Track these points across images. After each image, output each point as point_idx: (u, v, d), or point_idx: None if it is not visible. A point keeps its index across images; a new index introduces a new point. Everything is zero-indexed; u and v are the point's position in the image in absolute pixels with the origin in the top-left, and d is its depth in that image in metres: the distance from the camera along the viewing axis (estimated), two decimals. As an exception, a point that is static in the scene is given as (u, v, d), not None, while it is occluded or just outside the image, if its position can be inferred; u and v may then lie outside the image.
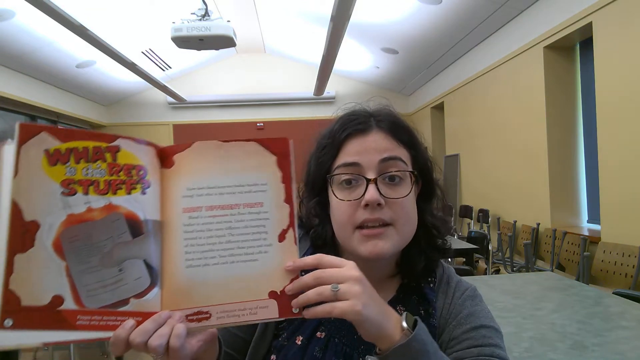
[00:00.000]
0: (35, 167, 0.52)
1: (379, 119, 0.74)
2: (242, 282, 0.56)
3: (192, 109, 8.48)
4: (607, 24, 3.27)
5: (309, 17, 6.08)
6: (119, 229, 0.54)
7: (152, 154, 0.58)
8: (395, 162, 0.70)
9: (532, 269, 3.74)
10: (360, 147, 0.71)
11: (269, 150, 0.61)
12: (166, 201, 0.57)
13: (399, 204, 0.69)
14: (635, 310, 1.59)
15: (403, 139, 0.73)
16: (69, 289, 0.52)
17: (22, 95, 5.75)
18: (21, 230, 0.50)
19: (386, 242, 0.68)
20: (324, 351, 0.71)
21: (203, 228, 0.57)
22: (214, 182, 0.58)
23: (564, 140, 4.14)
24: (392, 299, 0.75)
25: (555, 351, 1.26)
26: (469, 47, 5.61)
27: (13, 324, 0.49)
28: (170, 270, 0.56)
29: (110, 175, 0.54)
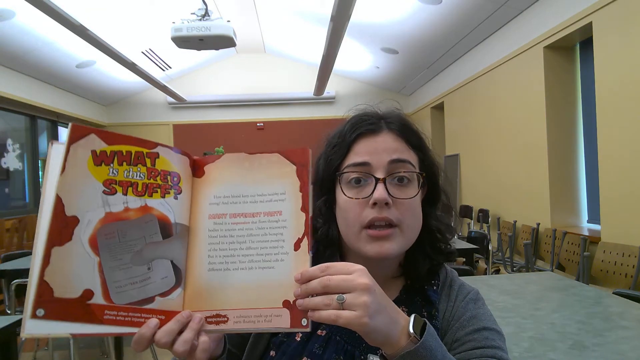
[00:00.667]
0: (81, 165, 0.55)
1: (390, 120, 0.74)
2: (259, 289, 0.58)
3: (192, 109, 8.48)
4: (607, 24, 3.27)
5: (309, 17, 6.08)
6: (151, 229, 0.57)
7: (186, 163, 0.63)
8: (404, 164, 0.70)
9: (532, 269, 3.74)
10: (370, 147, 0.71)
11: (289, 160, 0.63)
12: (195, 207, 0.62)
13: (406, 205, 0.69)
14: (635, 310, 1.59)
15: (412, 142, 0.73)
16: (100, 284, 0.54)
17: (22, 95, 5.75)
18: (61, 225, 0.53)
19: (392, 243, 0.69)
20: (324, 348, 0.71)
21: (226, 234, 0.60)
22: (238, 191, 0.62)
23: (564, 140, 4.14)
24: (395, 300, 0.75)
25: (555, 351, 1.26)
26: (469, 47, 5.61)
27: (45, 314, 0.51)
28: (194, 272, 0.59)
29: (148, 179, 0.58)
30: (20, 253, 3.41)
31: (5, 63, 5.41)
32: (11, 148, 6.03)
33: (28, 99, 5.87)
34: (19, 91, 5.69)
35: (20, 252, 3.43)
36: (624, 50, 3.11)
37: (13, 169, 6.04)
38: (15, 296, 2.68)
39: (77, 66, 6.17)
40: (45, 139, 6.99)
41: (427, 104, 7.59)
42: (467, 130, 6.10)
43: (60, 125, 7.26)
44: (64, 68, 6.08)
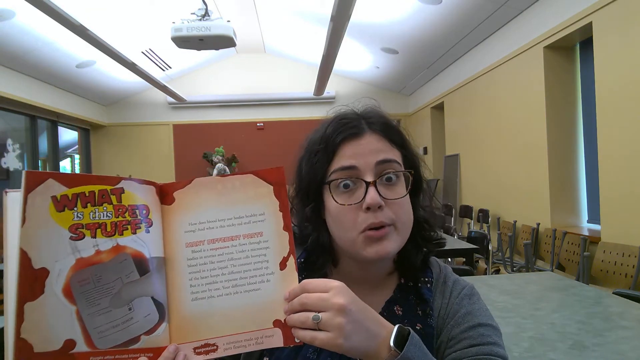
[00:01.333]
0: (43, 214, 0.52)
1: (371, 121, 0.74)
2: (247, 312, 0.58)
3: (192, 109, 8.48)
4: (607, 24, 3.27)
5: (309, 17, 6.08)
6: (127, 268, 0.55)
7: (152, 192, 0.59)
8: (390, 164, 0.71)
9: (532, 269, 3.74)
10: (355, 151, 0.71)
11: (265, 180, 0.61)
12: (169, 237, 0.59)
13: (398, 204, 0.69)
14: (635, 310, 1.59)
15: (395, 140, 0.74)
16: (80, 332, 0.52)
17: (22, 95, 5.75)
18: (31, 279, 0.51)
19: (390, 242, 0.69)
20: (318, 353, 0.70)
21: (206, 261, 0.59)
22: (214, 215, 0.60)
23: (564, 140, 4.14)
24: (389, 299, 0.75)
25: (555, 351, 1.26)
26: (469, 47, 5.61)
27: None
28: (177, 305, 0.58)
29: (116, 217, 0.55)
30: (20, 253, 3.41)
31: (5, 63, 5.41)
32: (11, 148, 6.03)
33: (28, 99, 5.87)
34: (19, 91, 5.69)
35: (20, 252, 3.43)
36: (624, 50, 3.11)
37: (13, 169, 6.04)
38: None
39: (77, 66, 6.17)
40: (45, 139, 6.99)
41: (427, 104, 7.59)
42: (467, 130, 6.09)
43: (60, 125, 7.26)
44: (64, 68, 6.08)
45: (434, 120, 7.49)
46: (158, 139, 8.41)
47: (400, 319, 0.73)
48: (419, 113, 8.10)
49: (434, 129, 7.46)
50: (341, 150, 0.72)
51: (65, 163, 8.83)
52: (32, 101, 5.96)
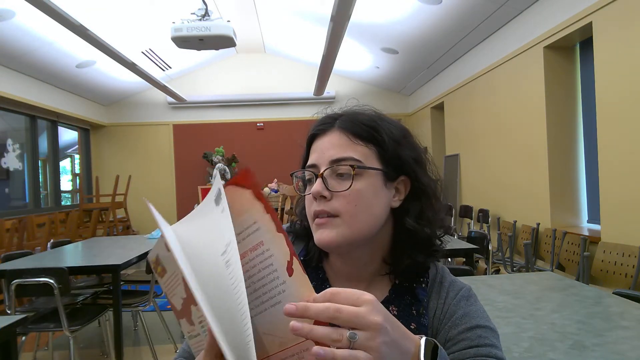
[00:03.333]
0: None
1: (343, 119, 0.76)
2: (279, 329, 0.54)
3: (192, 109, 8.48)
4: (607, 24, 3.27)
5: (309, 17, 6.08)
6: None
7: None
8: (344, 162, 0.72)
9: (532, 269, 3.74)
10: (317, 147, 0.75)
11: (243, 186, 0.58)
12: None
13: (346, 197, 0.70)
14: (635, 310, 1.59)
15: (361, 136, 0.73)
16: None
17: (22, 95, 5.75)
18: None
19: (331, 230, 0.70)
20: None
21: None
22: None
23: (564, 140, 4.14)
24: (385, 299, 0.76)
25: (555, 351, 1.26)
26: (469, 47, 5.61)
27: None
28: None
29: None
30: (20, 253, 3.41)
31: (5, 63, 5.41)
32: (11, 148, 6.03)
33: (28, 99, 5.87)
34: (19, 91, 5.70)
35: (20, 252, 3.43)
36: (624, 50, 3.11)
37: (13, 169, 6.04)
38: (15, 296, 2.68)
39: (77, 66, 6.18)
40: (45, 139, 6.99)
41: (427, 104, 7.59)
42: (467, 130, 6.09)
43: (60, 125, 7.26)
44: (64, 68, 6.08)
45: (434, 120, 7.49)
46: (158, 139, 8.41)
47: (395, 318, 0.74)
48: (419, 113, 8.10)
49: (434, 129, 7.46)
50: (313, 146, 0.77)
51: (65, 163, 8.83)
52: (32, 101, 5.96)
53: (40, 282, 2.61)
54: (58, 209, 6.89)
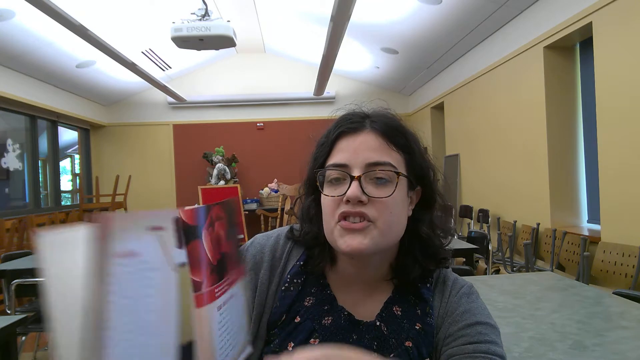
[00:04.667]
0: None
1: (374, 119, 0.73)
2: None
3: (192, 109, 8.48)
4: (607, 24, 3.27)
5: (309, 17, 6.08)
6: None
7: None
8: (382, 166, 0.69)
9: (532, 269, 3.74)
10: (350, 146, 0.71)
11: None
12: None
13: (383, 203, 0.68)
14: (635, 310, 1.59)
15: (396, 142, 0.72)
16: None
17: (22, 95, 5.74)
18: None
19: (365, 237, 0.68)
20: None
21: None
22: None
23: (564, 140, 4.14)
24: (388, 300, 0.75)
25: (555, 351, 1.26)
26: (469, 47, 5.60)
27: None
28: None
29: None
30: (20, 253, 3.41)
31: (5, 63, 5.41)
32: (11, 148, 6.03)
33: (28, 99, 5.87)
34: (19, 91, 5.69)
35: (20, 252, 3.43)
36: (624, 50, 3.11)
37: (13, 169, 6.04)
38: (15, 296, 2.68)
39: (77, 66, 6.17)
40: (45, 139, 6.99)
41: (427, 104, 7.59)
42: (467, 130, 6.09)
43: (60, 125, 7.26)
44: (64, 68, 6.08)
45: (434, 120, 7.49)
46: (158, 139, 8.40)
47: (399, 318, 0.74)
48: (419, 113, 8.09)
49: (434, 129, 7.46)
50: (338, 144, 0.73)
51: (65, 163, 8.83)
52: (32, 101, 5.96)
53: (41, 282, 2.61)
54: (58, 209, 6.89)
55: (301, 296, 0.77)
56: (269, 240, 0.83)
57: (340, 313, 0.75)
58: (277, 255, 0.81)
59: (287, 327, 0.74)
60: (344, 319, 0.74)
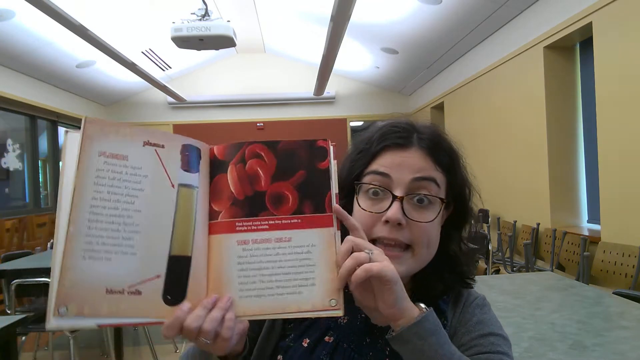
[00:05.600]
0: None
1: (422, 137, 0.70)
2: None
3: (192, 109, 8.48)
4: (607, 24, 3.27)
5: (309, 17, 6.08)
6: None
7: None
8: (428, 184, 0.67)
9: (532, 269, 3.74)
10: (395, 161, 0.68)
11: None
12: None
13: (422, 228, 0.66)
14: (635, 310, 1.59)
15: (442, 162, 0.70)
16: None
17: (22, 95, 5.75)
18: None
19: (400, 265, 0.65)
20: (331, 355, 0.70)
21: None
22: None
23: (564, 140, 4.14)
24: None
25: (555, 351, 1.26)
26: (469, 47, 5.60)
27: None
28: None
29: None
30: (20, 253, 3.41)
31: (5, 63, 5.41)
32: (11, 148, 6.03)
33: (28, 99, 5.87)
34: (19, 91, 5.69)
35: (20, 252, 3.43)
36: (624, 50, 3.10)
37: (13, 169, 6.04)
38: (15, 296, 2.68)
39: (77, 66, 6.17)
40: (45, 139, 6.99)
41: (427, 104, 7.59)
42: (467, 130, 6.09)
43: (60, 125, 7.26)
44: (64, 68, 6.08)
45: (434, 121, 7.29)
46: (158, 139, 8.40)
47: None
48: (419, 113, 8.09)
49: (434, 129, 7.45)
50: (382, 156, 0.70)
51: (65, 163, 8.82)
52: (32, 101, 5.96)
53: (40, 282, 2.61)
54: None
55: None
56: None
57: (357, 314, 0.74)
58: None
59: (302, 323, 0.74)
60: (359, 321, 0.74)
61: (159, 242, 0.54)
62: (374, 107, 8.49)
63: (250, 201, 0.59)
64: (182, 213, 0.55)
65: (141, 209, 0.53)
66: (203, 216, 0.57)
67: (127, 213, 0.52)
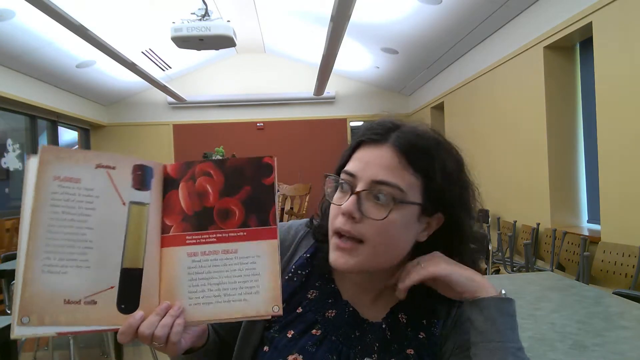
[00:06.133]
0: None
1: (401, 134, 0.69)
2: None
3: (192, 109, 8.48)
4: (607, 24, 3.27)
5: (309, 17, 6.07)
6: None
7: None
8: (387, 188, 0.66)
9: (532, 269, 3.74)
10: (364, 157, 0.69)
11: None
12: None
13: (375, 225, 0.66)
14: (635, 310, 1.59)
15: (416, 164, 0.67)
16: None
17: (22, 95, 5.74)
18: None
19: (351, 258, 0.67)
20: (317, 346, 0.71)
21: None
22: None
23: (564, 140, 4.14)
24: (395, 306, 0.75)
25: (555, 351, 1.26)
26: (469, 47, 5.60)
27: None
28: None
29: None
30: (20, 253, 3.40)
31: (5, 63, 5.41)
32: (11, 148, 6.03)
33: (28, 99, 5.87)
34: (19, 91, 5.69)
35: (20, 252, 3.43)
36: (624, 50, 3.10)
37: (13, 169, 6.04)
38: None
39: (77, 66, 6.17)
40: (45, 139, 6.99)
41: (427, 104, 7.59)
42: (467, 130, 6.09)
43: (60, 125, 7.26)
44: (64, 68, 6.08)
45: (434, 121, 7.48)
46: (158, 139, 8.40)
47: (404, 326, 0.73)
48: (419, 113, 8.09)
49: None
50: (358, 151, 0.71)
51: (65, 163, 8.81)
52: (32, 101, 5.96)
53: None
54: (58, 209, 6.88)
55: (304, 288, 0.77)
56: (281, 228, 0.83)
57: (345, 308, 0.75)
58: (285, 244, 0.81)
59: (287, 315, 0.74)
60: (348, 314, 0.74)
61: (111, 256, 0.59)
62: (374, 107, 8.49)
63: (199, 216, 0.63)
64: (133, 228, 0.60)
65: (93, 227, 0.58)
66: (155, 230, 0.62)
67: (81, 231, 0.57)
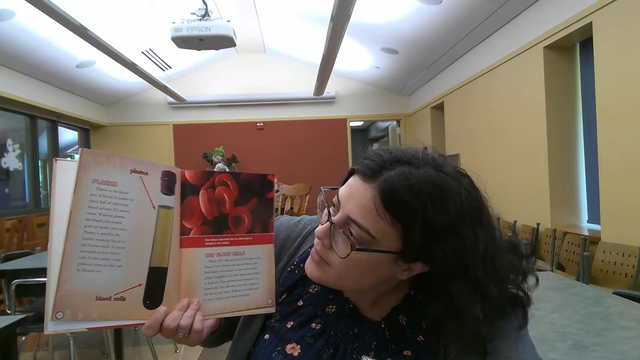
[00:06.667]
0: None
1: (387, 179, 0.63)
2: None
3: (192, 109, 8.48)
4: (607, 24, 3.27)
5: (309, 17, 6.07)
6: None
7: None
8: (359, 231, 0.64)
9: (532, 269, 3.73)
10: (352, 188, 0.67)
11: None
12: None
13: (339, 259, 0.66)
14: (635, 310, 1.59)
15: (395, 214, 0.63)
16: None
17: (22, 95, 5.74)
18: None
19: (319, 271, 0.70)
20: (315, 339, 0.73)
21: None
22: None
23: (564, 140, 4.14)
24: (395, 307, 0.75)
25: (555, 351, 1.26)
26: (469, 47, 5.60)
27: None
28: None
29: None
30: (20, 253, 3.41)
31: (5, 63, 5.41)
32: (11, 148, 6.03)
33: (28, 99, 5.87)
34: (19, 91, 5.69)
35: (20, 252, 3.43)
36: (624, 50, 3.10)
37: (13, 169, 6.04)
38: (15, 296, 2.67)
39: (77, 66, 6.17)
40: (45, 139, 6.99)
41: (427, 104, 7.59)
42: (467, 130, 6.09)
43: (60, 125, 7.26)
44: (64, 68, 6.08)
45: (434, 120, 7.48)
46: (158, 139, 8.40)
47: (403, 328, 0.73)
48: (418, 113, 8.09)
49: (433, 129, 7.46)
50: (352, 178, 0.69)
51: (65, 163, 8.81)
52: (32, 101, 5.95)
53: (41, 282, 2.61)
54: (58, 209, 6.87)
55: (306, 282, 0.79)
56: (290, 222, 0.88)
57: (345, 304, 0.76)
58: (292, 236, 0.85)
59: (287, 307, 0.77)
60: (348, 311, 0.75)
61: (141, 255, 0.64)
62: (374, 107, 8.49)
63: (216, 221, 0.71)
64: (161, 230, 0.66)
65: (127, 228, 0.62)
66: (176, 232, 0.68)
67: (115, 232, 0.61)
